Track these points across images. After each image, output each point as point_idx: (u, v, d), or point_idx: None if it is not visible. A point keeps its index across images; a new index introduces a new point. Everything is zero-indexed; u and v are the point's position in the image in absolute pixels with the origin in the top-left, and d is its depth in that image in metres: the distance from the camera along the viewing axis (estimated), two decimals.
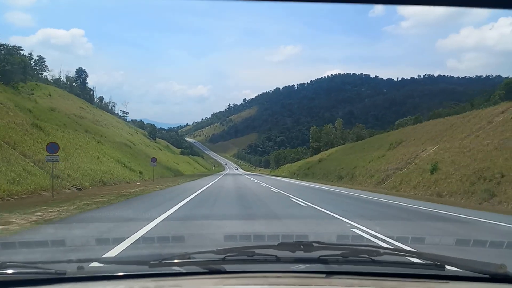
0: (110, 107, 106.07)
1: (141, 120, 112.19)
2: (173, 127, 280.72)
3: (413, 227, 9.45)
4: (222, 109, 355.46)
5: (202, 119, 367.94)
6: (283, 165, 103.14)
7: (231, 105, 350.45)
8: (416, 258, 1.90)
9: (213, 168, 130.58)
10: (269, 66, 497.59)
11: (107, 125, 65.83)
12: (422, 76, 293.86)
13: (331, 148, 73.31)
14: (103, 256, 4.21)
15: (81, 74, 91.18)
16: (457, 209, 14.02)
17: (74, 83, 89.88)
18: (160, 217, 9.01)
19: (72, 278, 1.65)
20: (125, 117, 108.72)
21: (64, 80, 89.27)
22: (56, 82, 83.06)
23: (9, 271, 1.63)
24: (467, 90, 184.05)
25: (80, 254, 4.15)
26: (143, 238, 6.03)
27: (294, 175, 65.46)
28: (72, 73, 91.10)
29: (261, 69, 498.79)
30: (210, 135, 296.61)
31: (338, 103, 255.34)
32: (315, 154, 76.56)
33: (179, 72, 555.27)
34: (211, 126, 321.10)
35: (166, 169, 57.39)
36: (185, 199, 14.37)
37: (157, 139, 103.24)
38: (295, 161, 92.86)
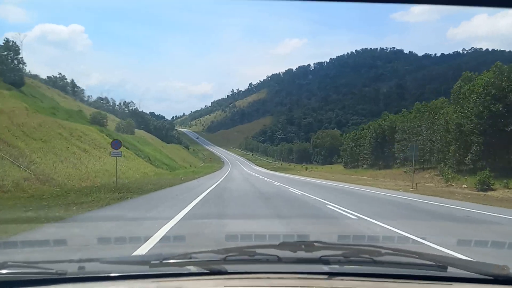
0: None
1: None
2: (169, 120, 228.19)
3: None
4: (225, 96, 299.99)
5: (201, 108, 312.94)
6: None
7: (234, 91, 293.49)
8: (418, 258, 1.81)
9: (195, 169, 67.81)
10: (273, 60, 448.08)
11: None
12: (467, 50, 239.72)
13: None
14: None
15: None
16: None
17: None
18: None
19: (72, 278, 1.64)
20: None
21: None
22: None
23: (10, 271, 1.60)
24: None
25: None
26: None
27: None
28: None
29: (265, 65, 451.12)
30: (209, 123, 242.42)
31: (370, 81, 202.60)
32: None
33: (182, 70, 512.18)
34: (211, 114, 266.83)
35: None
36: None
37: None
38: None
